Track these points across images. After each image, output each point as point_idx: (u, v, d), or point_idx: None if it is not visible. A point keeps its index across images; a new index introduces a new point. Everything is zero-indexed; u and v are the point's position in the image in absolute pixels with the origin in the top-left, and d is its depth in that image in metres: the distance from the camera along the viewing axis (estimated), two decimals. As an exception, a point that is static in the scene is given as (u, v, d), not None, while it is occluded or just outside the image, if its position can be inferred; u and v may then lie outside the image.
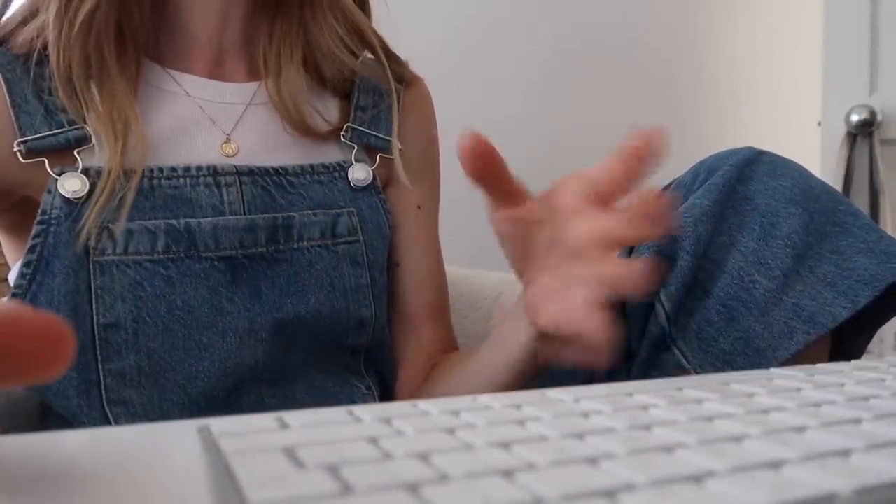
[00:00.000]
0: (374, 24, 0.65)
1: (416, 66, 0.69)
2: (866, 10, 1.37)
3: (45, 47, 0.53)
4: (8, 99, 0.52)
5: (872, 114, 1.36)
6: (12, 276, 0.54)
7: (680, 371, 0.47)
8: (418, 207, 0.65)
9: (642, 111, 1.55)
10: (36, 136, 0.51)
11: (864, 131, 1.38)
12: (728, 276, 0.46)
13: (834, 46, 1.40)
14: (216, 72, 0.59)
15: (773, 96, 1.59)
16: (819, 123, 1.44)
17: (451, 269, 0.71)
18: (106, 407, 0.51)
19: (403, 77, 0.66)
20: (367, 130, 0.62)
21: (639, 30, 1.55)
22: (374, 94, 0.64)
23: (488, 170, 0.40)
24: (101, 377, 0.50)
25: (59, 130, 0.52)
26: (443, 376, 0.60)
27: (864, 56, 1.38)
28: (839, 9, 1.39)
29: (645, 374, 0.49)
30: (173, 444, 0.24)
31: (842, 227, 0.47)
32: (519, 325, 0.46)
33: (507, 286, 0.81)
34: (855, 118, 1.37)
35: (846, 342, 0.49)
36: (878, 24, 1.37)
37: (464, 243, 1.45)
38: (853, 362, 0.36)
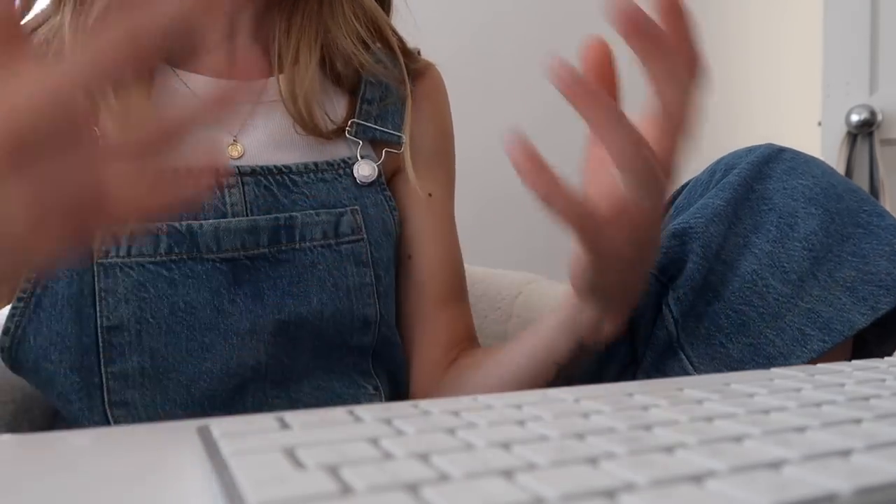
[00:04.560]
0: (396, 23, 0.65)
1: (432, 53, 0.67)
2: (866, 10, 1.37)
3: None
4: None
5: (872, 114, 1.36)
6: None
7: None
8: (429, 195, 0.64)
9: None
10: None
11: (864, 131, 1.38)
12: (740, 279, 0.45)
13: (834, 46, 1.40)
14: (225, 70, 0.59)
15: (773, 96, 1.59)
16: (819, 123, 1.44)
17: (471, 269, 0.70)
18: (107, 409, 0.51)
19: (415, 71, 0.65)
20: (372, 125, 0.61)
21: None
22: (381, 85, 0.63)
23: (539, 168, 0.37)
24: (104, 380, 0.50)
25: None
26: (465, 370, 0.59)
27: (864, 56, 1.38)
28: (839, 9, 1.39)
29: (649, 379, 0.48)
30: (173, 444, 0.24)
31: (865, 228, 0.45)
32: (554, 314, 0.47)
33: (526, 286, 0.81)
34: (855, 118, 1.37)
35: (870, 349, 0.48)
36: (878, 24, 1.37)
37: (484, 243, 1.45)
38: (853, 362, 0.36)
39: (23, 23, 0.55)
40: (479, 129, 1.41)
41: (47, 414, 0.60)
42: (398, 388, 0.63)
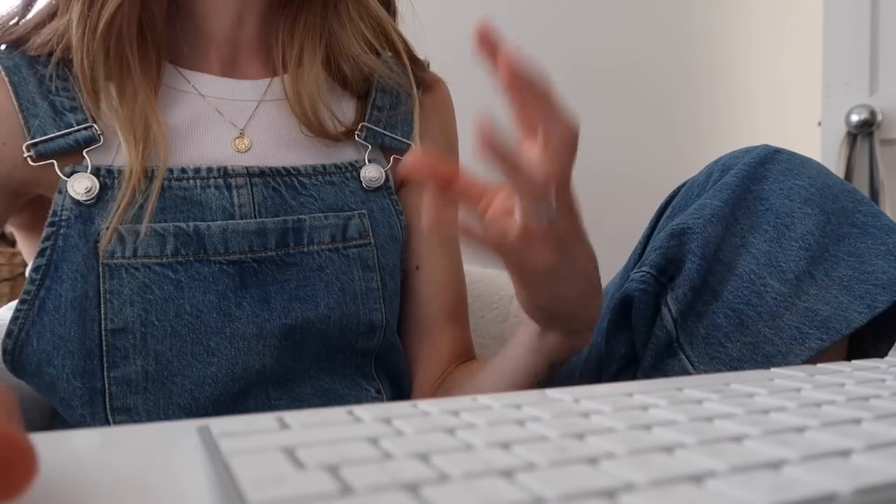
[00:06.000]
0: (399, 24, 0.65)
1: (439, 67, 0.68)
2: (866, 10, 1.37)
3: (63, 49, 0.52)
4: (15, 102, 0.52)
5: (872, 114, 1.36)
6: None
7: None
8: None
9: (645, 113, 1.55)
10: (45, 137, 0.51)
11: (864, 131, 1.38)
12: (738, 279, 0.45)
13: (834, 46, 1.40)
14: (229, 69, 0.59)
15: (773, 97, 1.59)
16: (819, 123, 1.44)
17: (468, 269, 0.70)
18: (109, 415, 0.50)
19: (423, 80, 0.65)
20: (382, 131, 0.61)
21: (644, 35, 1.55)
22: (392, 94, 0.63)
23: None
24: (106, 385, 0.50)
25: (68, 131, 0.52)
26: (454, 387, 0.60)
27: (864, 56, 1.38)
28: (839, 9, 1.39)
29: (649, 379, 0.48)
30: (173, 444, 0.24)
31: (861, 228, 0.45)
32: (522, 330, 0.47)
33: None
34: (855, 118, 1.37)
35: (865, 348, 0.48)
36: (878, 24, 1.37)
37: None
38: (853, 362, 0.36)
39: (23, 21, 0.55)
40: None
41: (46, 415, 0.60)
42: (400, 393, 0.62)
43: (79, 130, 0.52)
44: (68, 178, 0.51)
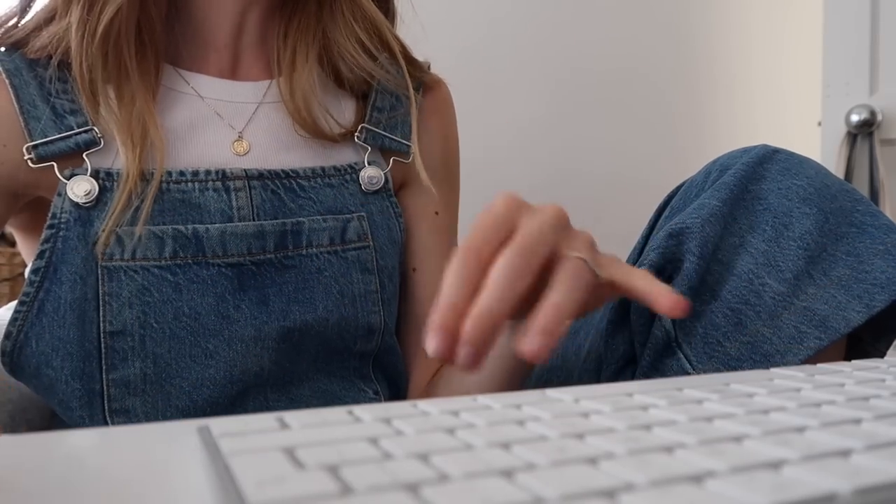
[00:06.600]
0: (399, 25, 0.65)
1: (439, 68, 0.68)
2: (866, 10, 1.37)
3: (62, 53, 0.53)
4: (16, 105, 0.52)
5: (872, 114, 1.36)
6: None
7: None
8: (436, 213, 0.64)
9: (644, 113, 1.55)
10: (45, 139, 0.51)
11: (864, 131, 1.38)
12: (736, 278, 0.45)
13: (834, 46, 1.40)
14: (229, 71, 0.59)
15: (773, 97, 1.59)
16: (819, 123, 1.44)
17: None
18: (108, 416, 0.50)
19: (422, 82, 0.65)
20: (381, 132, 0.61)
21: (644, 36, 1.55)
22: (392, 95, 0.63)
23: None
24: (105, 386, 0.50)
25: (68, 133, 0.52)
26: (437, 381, 0.60)
27: (864, 56, 1.38)
28: (839, 9, 1.39)
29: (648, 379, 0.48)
30: (173, 444, 0.24)
31: (859, 227, 0.45)
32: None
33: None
34: (855, 118, 1.37)
35: (864, 347, 0.48)
36: (878, 24, 1.37)
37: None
38: (853, 362, 0.36)
39: (22, 24, 0.55)
40: (479, 130, 1.41)
41: (45, 415, 0.60)
42: (398, 395, 0.62)
43: (79, 133, 0.52)
44: (68, 180, 0.51)
